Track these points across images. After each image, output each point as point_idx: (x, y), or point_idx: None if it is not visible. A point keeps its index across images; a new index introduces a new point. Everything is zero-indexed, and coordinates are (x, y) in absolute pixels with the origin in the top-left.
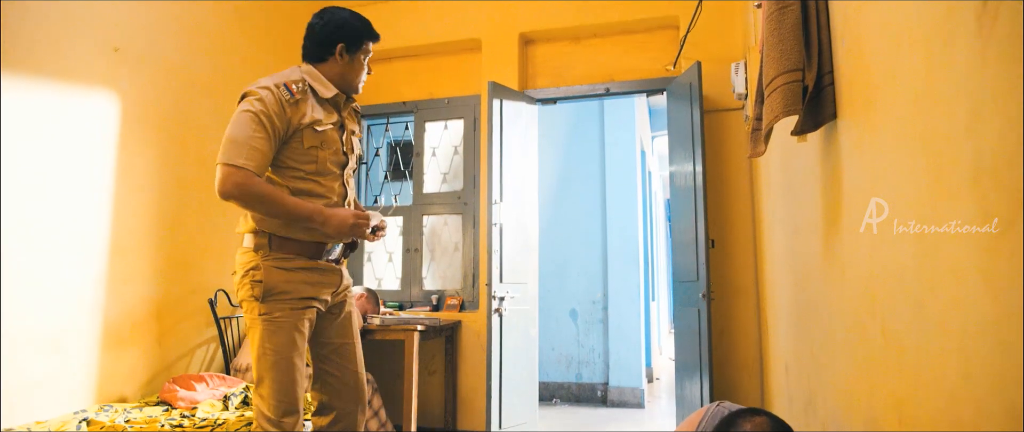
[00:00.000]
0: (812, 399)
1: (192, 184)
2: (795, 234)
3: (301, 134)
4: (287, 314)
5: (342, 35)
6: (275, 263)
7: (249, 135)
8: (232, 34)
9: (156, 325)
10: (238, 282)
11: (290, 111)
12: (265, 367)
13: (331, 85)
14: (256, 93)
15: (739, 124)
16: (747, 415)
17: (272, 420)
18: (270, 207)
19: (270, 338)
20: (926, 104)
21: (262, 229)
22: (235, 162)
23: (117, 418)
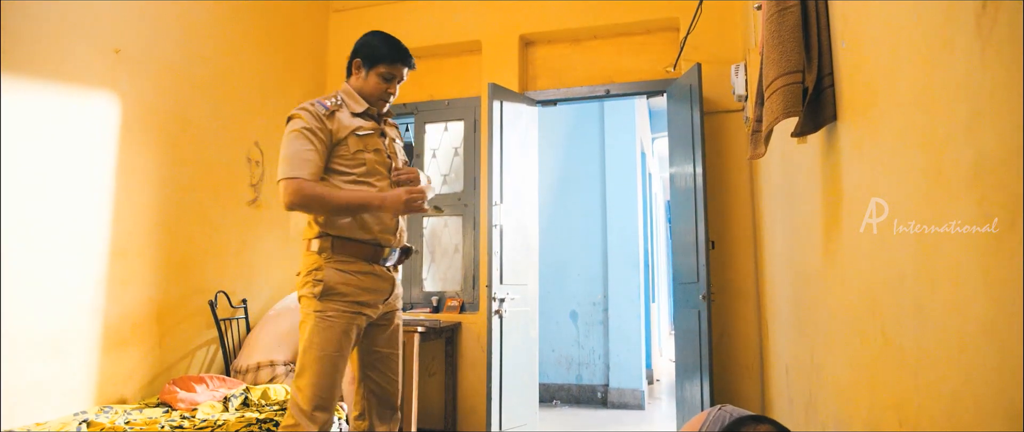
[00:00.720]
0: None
1: (192, 186)
2: (795, 235)
3: (346, 141)
4: (340, 315)
5: (359, 53)
6: (336, 265)
7: (297, 149)
8: (233, 36)
9: (156, 326)
10: (301, 281)
11: (329, 122)
12: (309, 360)
13: (362, 100)
14: (297, 114)
15: (739, 126)
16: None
17: (305, 412)
18: (329, 203)
19: (320, 333)
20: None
21: (326, 233)
22: (290, 175)
23: (117, 419)
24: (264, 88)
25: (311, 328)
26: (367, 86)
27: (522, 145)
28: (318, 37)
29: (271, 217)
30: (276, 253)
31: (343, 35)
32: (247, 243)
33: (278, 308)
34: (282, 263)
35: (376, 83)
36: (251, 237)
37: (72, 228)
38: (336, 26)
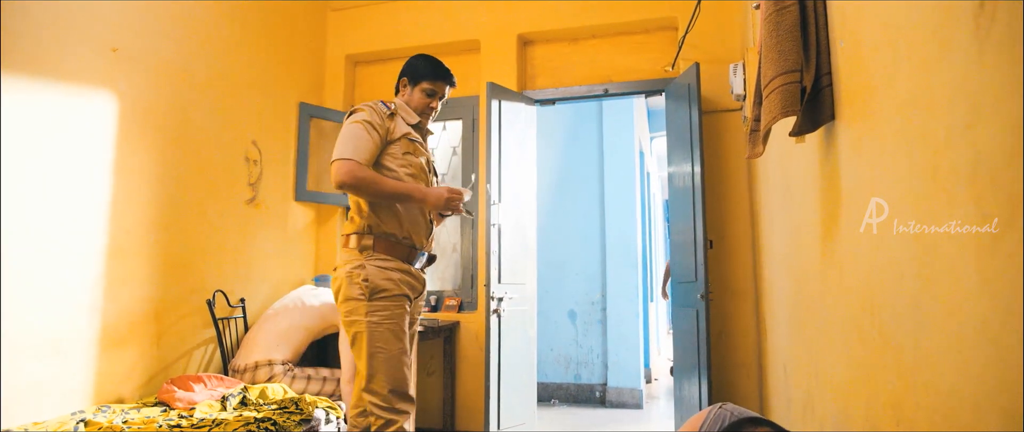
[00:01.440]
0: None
1: (190, 185)
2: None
3: (399, 142)
4: (391, 313)
5: (405, 72)
6: (377, 263)
7: (356, 135)
8: (231, 35)
9: (154, 326)
10: (341, 279)
11: (388, 121)
12: (378, 364)
13: (413, 114)
14: (361, 108)
15: (737, 125)
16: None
17: (387, 408)
18: (377, 187)
19: (379, 338)
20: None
21: (370, 230)
22: (343, 155)
23: (115, 419)
24: (262, 87)
25: (369, 335)
26: (412, 101)
27: (520, 144)
28: (316, 36)
29: (269, 216)
30: (274, 252)
31: (341, 34)
32: (245, 242)
33: (276, 307)
34: (280, 262)
35: (420, 98)
36: (249, 236)
37: (70, 227)
38: (334, 25)
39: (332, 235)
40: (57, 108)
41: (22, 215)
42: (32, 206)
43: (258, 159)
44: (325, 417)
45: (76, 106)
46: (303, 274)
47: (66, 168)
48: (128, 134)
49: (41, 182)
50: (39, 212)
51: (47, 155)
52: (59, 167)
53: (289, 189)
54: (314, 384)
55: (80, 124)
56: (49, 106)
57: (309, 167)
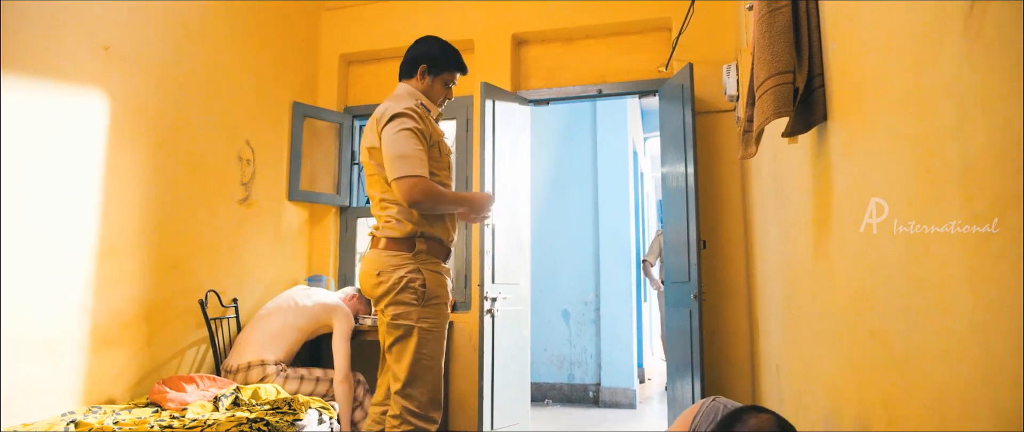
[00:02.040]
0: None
1: (183, 184)
2: (785, 235)
3: (438, 145)
4: (440, 323)
5: (424, 59)
6: (430, 267)
7: (415, 148)
8: (224, 33)
9: (145, 326)
10: (391, 282)
11: (428, 124)
12: (421, 370)
13: (433, 105)
14: (407, 112)
15: (731, 126)
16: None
17: (420, 415)
18: (443, 201)
19: (427, 345)
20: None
21: (424, 234)
22: (415, 173)
23: (106, 420)
24: (255, 86)
25: (419, 341)
26: (432, 91)
27: (514, 145)
28: (310, 35)
29: (262, 216)
30: (267, 252)
31: (335, 33)
32: (238, 242)
33: (269, 307)
34: (273, 262)
35: (440, 89)
36: (242, 236)
37: (60, 227)
38: (328, 24)
39: (325, 235)
40: (48, 106)
41: (12, 215)
42: (22, 205)
43: (251, 158)
44: (318, 417)
45: (68, 105)
46: (296, 274)
47: (57, 167)
48: (120, 133)
49: (31, 181)
50: (29, 212)
51: (37, 154)
52: (50, 166)
53: (282, 189)
54: (307, 384)
55: (71, 123)
56: (40, 104)
57: (302, 166)
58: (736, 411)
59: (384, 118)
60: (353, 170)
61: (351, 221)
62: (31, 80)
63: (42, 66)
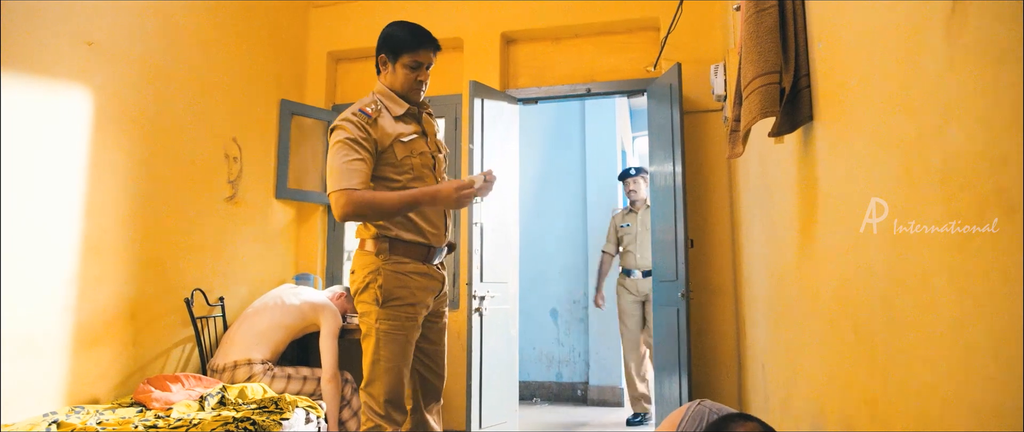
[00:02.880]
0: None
1: (168, 182)
2: (772, 234)
3: (392, 148)
4: (401, 324)
5: (382, 47)
6: (393, 267)
7: (343, 160)
8: (210, 31)
9: (130, 325)
10: (358, 283)
11: (372, 130)
12: (379, 372)
13: (399, 99)
14: (340, 125)
15: (718, 125)
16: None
17: (382, 415)
18: (383, 207)
19: (385, 347)
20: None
21: (384, 234)
22: (338, 187)
23: (89, 420)
24: (242, 84)
25: (376, 342)
26: (397, 80)
27: (503, 143)
28: (297, 32)
29: (249, 214)
30: (254, 250)
31: (323, 31)
32: (224, 240)
33: (256, 306)
34: (260, 260)
35: (405, 75)
36: (228, 234)
37: (43, 225)
38: (316, 21)
39: (313, 233)
40: (30, 102)
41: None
42: (4, 203)
43: (238, 156)
44: (305, 416)
45: (50, 100)
46: (283, 272)
47: (40, 164)
48: (104, 129)
49: (13, 178)
50: (11, 209)
51: (19, 150)
52: (32, 163)
53: (270, 187)
54: (294, 383)
55: (54, 119)
56: (21, 100)
57: (290, 164)
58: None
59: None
60: None
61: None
62: (12, 75)
63: (24, 61)
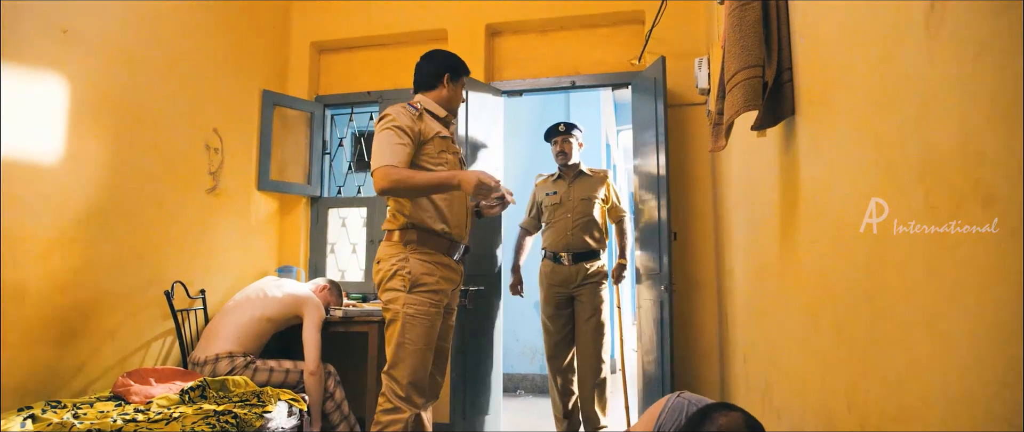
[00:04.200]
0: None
1: (147, 173)
2: (754, 227)
3: (432, 142)
4: (426, 309)
5: (446, 67)
6: (421, 256)
7: (389, 141)
8: (189, 19)
9: (108, 318)
10: (385, 271)
11: (418, 123)
12: (404, 354)
13: (441, 109)
14: (389, 113)
15: (702, 119)
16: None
17: (403, 398)
18: (414, 183)
19: (411, 331)
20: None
21: (412, 224)
22: (382, 163)
23: (65, 414)
24: (223, 73)
25: (401, 326)
26: (454, 96)
27: (488, 135)
28: (280, 22)
29: (231, 206)
30: (236, 242)
31: (306, 21)
32: (206, 232)
33: (238, 298)
34: (242, 253)
35: (457, 93)
36: (210, 226)
37: (17, 216)
38: (299, 11)
39: (296, 225)
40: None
41: None
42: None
43: (219, 147)
44: (288, 410)
45: (22, 88)
46: (266, 265)
47: (13, 153)
48: (79, 119)
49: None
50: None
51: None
52: (5, 152)
53: (251, 178)
54: (277, 376)
55: (28, 108)
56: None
57: (272, 156)
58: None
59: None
60: (324, 160)
61: (322, 211)
62: None
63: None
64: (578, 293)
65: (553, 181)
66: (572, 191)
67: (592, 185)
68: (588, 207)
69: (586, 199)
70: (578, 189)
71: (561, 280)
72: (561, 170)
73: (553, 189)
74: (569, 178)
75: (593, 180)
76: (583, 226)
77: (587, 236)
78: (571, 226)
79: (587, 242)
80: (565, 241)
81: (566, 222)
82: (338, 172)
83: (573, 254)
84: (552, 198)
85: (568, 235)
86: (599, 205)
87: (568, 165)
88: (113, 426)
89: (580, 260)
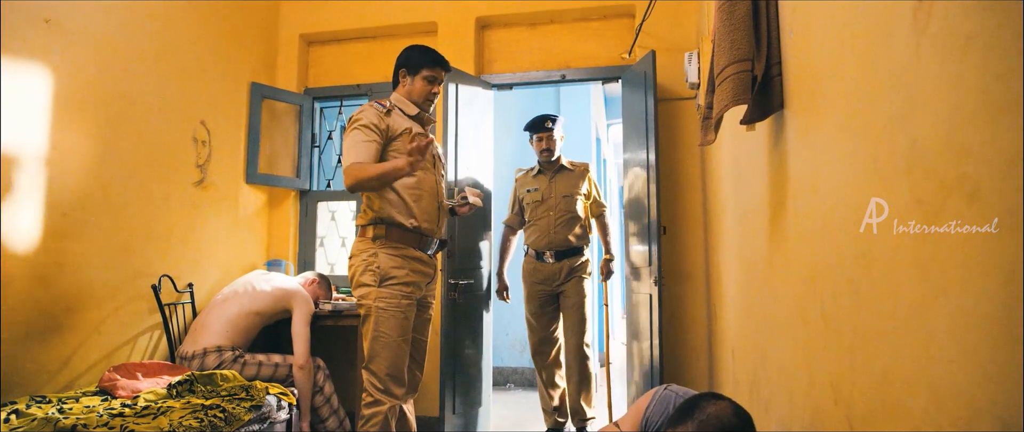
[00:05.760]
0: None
1: (133, 165)
2: (743, 221)
3: (401, 138)
4: (398, 302)
5: (404, 64)
6: (389, 251)
7: (356, 141)
8: (177, 10)
9: (94, 312)
10: (356, 265)
11: (386, 120)
12: (379, 347)
13: (412, 105)
14: (357, 115)
15: (692, 113)
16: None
17: (382, 390)
18: (368, 175)
19: (384, 324)
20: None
21: (380, 219)
22: (349, 161)
23: (50, 409)
24: (211, 66)
25: (377, 318)
26: (415, 90)
27: (477, 129)
28: (269, 14)
29: (219, 199)
30: (224, 236)
31: (295, 13)
32: (193, 226)
33: (226, 292)
34: (230, 246)
35: (422, 86)
36: (198, 219)
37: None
38: (288, 3)
39: (285, 219)
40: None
41: None
42: None
43: (207, 140)
44: (277, 403)
45: (5, 80)
46: (254, 258)
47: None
48: (64, 110)
49: None
50: None
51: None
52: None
53: (240, 171)
54: (266, 370)
55: (10, 99)
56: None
57: (261, 149)
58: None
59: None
60: (313, 153)
61: (311, 205)
62: None
63: None
64: (562, 289)
65: (533, 176)
66: (554, 187)
67: (573, 180)
68: (570, 204)
69: (568, 196)
70: (560, 185)
71: (545, 278)
72: (541, 165)
73: (534, 185)
74: (550, 173)
75: (574, 175)
76: (566, 223)
77: (570, 234)
78: (553, 224)
79: (570, 240)
80: (548, 239)
81: (548, 220)
82: (327, 165)
83: (556, 252)
84: (533, 195)
85: (551, 233)
86: (582, 201)
87: (549, 162)
88: (99, 421)
89: (563, 257)
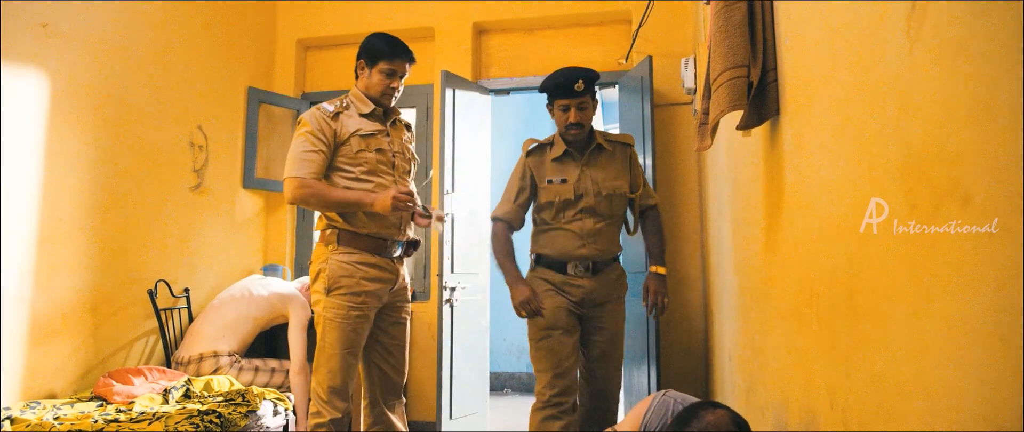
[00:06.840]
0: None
1: (130, 170)
2: (739, 226)
3: (349, 141)
4: (346, 312)
5: (362, 54)
6: (340, 257)
7: (300, 150)
8: (173, 15)
9: (90, 317)
10: (312, 273)
11: (333, 123)
12: (324, 358)
13: (369, 101)
14: (302, 119)
15: (688, 118)
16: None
17: (326, 402)
18: (323, 198)
19: (329, 334)
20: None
21: (333, 226)
22: (290, 174)
23: (45, 415)
24: (208, 70)
25: (324, 328)
26: (372, 84)
27: (474, 134)
28: (266, 19)
29: (216, 203)
30: (221, 241)
31: (292, 18)
32: (190, 230)
33: (222, 297)
34: (227, 251)
35: (379, 79)
36: (194, 224)
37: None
38: (285, 8)
39: (282, 223)
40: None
41: None
42: None
43: (204, 144)
44: (273, 409)
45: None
46: (251, 263)
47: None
48: (60, 115)
49: None
50: None
51: None
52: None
53: (237, 176)
54: (262, 375)
55: (6, 104)
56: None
57: (258, 153)
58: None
59: None
60: None
61: (308, 210)
62: None
63: None
64: (595, 314)
65: (556, 160)
66: (590, 178)
67: (617, 167)
68: (618, 205)
69: (614, 195)
70: (598, 174)
71: (577, 299)
72: (569, 144)
73: (560, 174)
74: (582, 157)
75: (616, 158)
76: (608, 230)
77: (613, 243)
78: (592, 230)
79: (612, 249)
80: (583, 250)
81: (585, 225)
82: None
83: (593, 263)
84: (560, 189)
85: (589, 243)
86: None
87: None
88: (94, 427)
89: (600, 271)
